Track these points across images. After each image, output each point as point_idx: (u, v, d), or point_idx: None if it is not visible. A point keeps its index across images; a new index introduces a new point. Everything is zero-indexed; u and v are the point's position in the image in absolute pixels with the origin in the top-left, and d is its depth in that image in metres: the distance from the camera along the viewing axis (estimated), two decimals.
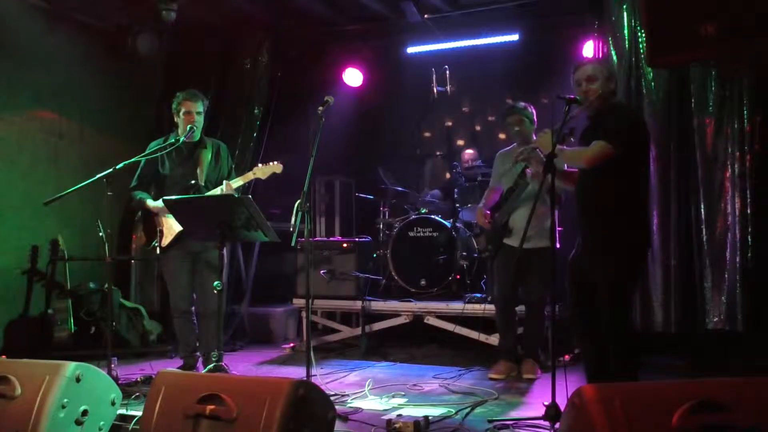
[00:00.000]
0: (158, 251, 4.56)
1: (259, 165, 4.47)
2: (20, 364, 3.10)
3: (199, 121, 4.57)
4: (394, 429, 3.20)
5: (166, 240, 4.51)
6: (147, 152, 4.49)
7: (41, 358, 3.21)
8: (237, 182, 4.44)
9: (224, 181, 4.46)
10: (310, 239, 4.24)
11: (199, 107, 4.55)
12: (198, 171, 4.55)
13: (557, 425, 3.09)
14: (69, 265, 5.48)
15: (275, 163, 4.45)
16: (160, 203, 4.44)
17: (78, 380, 2.97)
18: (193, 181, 4.52)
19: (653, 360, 4.80)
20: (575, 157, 3.50)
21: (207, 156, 4.60)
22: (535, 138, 4.72)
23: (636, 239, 3.49)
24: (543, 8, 6.25)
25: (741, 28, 4.27)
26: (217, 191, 4.44)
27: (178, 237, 4.46)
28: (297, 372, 4.67)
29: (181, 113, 4.55)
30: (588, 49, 5.65)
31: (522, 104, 4.79)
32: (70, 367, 2.97)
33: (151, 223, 4.57)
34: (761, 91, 4.81)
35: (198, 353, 4.66)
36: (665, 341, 5.05)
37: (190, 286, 4.63)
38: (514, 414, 3.67)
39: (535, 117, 4.78)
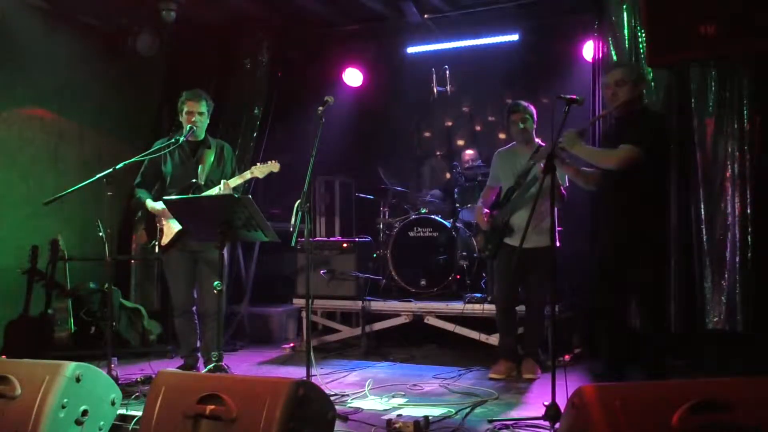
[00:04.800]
0: (157, 250, 4.59)
1: (258, 164, 4.47)
2: (20, 364, 3.10)
3: (202, 121, 4.56)
4: (394, 429, 3.20)
5: (166, 239, 4.53)
6: (148, 151, 4.50)
7: (41, 358, 3.21)
8: (235, 181, 4.43)
9: (222, 181, 4.45)
10: (310, 239, 4.24)
11: (202, 107, 4.54)
12: (199, 170, 4.55)
13: (557, 425, 3.09)
14: (69, 265, 5.48)
15: (272, 162, 4.45)
16: (159, 204, 4.45)
17: (78, 380, 2.96)
18: (194, 180, 4.53)
19: None
20: (603, 158, 3.58)
21: (210, 156, 4.60)
22: (537, 140, 4.74)
23: (660, 239, 3.59)
24: (543, 8, 6.25)
25: (741, 28, 4.28)
26: (214, 190, 4.44)
27: (178, 236, 4.47)
28: (297, 372, 4.67)
29: (183, 112, 4.56)
30: (588, 49, 5.65)
31: (524, 103, 4.80)
32: (70, 367, 2.97)
33: (152, 222, 4.59)
34: (761, 91, 4.80)
35: (198, 353, 4.67)
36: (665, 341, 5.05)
37: (191, 285, 4.63)
38: (514, 414, 3.67)
39: (535, 116, 4.78)
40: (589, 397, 2.32)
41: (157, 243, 4.57)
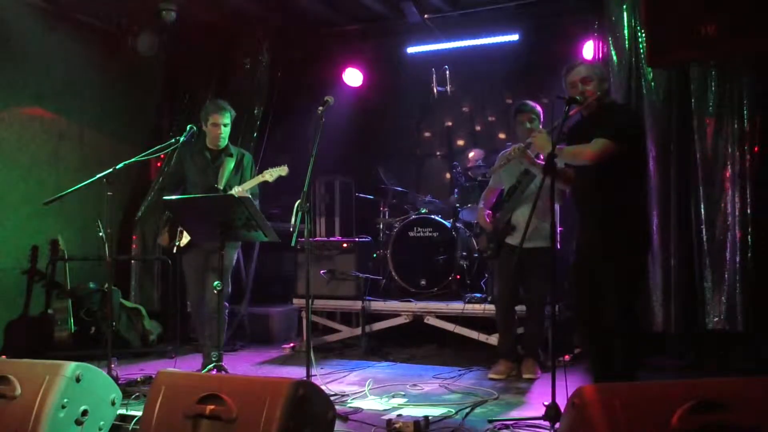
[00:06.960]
0: (175, 251, 4.70)
1: (269, 168, 4.56)
2: (20, 364, 3.10)
3: (226, 131, 4.70)
4: (394, 429, 3.20)
5: (185, 240, 4.62)
6: (149, 151, 4.55)
7: (41, 358, 3.21)
8: (247, 185, 4.52)
9: (235, 187, 4.54)
10: (310, 239, 4.24)
11: (226, 119, 4.68)
12: (219, 175, 4.64)
13: (557, 425, 3.09)
14: (69, 265, 5.48)
15: (282, 166, 4.54)
16: None
17: (78, 380, 2.97)
18: (215, 185, 4.61)
19: (653, 360, 4.81)
20: (577, 154, 3.51)
21: (230, 163, 4.71)
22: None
23: (636, 239, 3.51)
24: (543, 8, 6.25)
25: (741, 28, 4.27)
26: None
27: None
28: (297, 372, 4.67)
29: (208, 123, 4.68)
30: (588, 49, 5.65)
31: (531, 103, 4.78)
32: (70, 367, 2.97)
33: (174, 225, 4.67)
34: (761, 91, 4.80)
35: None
36: (665, 341, 5.06)
37: (204, 285, 4.69)
38: (514, 414, 3.68)
39: (542, 116, 4.77)
40: (589, 397, 2.32)
41: (178, 243, 4.66)
